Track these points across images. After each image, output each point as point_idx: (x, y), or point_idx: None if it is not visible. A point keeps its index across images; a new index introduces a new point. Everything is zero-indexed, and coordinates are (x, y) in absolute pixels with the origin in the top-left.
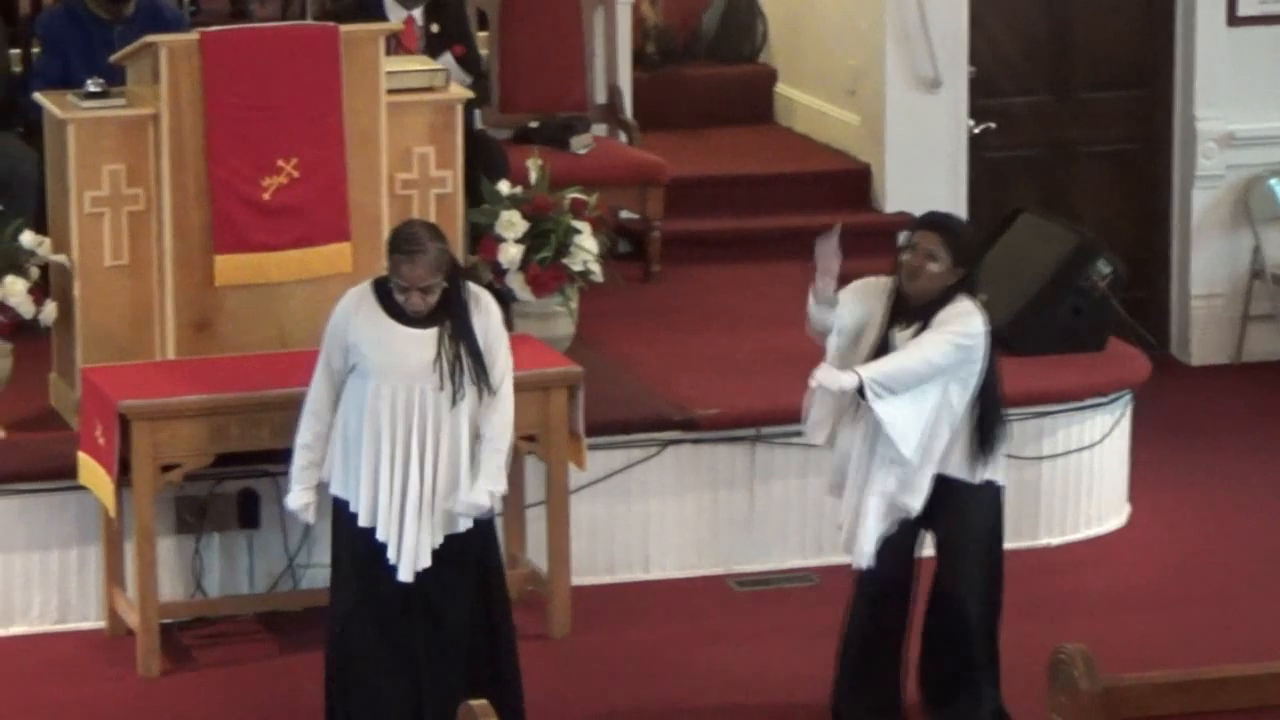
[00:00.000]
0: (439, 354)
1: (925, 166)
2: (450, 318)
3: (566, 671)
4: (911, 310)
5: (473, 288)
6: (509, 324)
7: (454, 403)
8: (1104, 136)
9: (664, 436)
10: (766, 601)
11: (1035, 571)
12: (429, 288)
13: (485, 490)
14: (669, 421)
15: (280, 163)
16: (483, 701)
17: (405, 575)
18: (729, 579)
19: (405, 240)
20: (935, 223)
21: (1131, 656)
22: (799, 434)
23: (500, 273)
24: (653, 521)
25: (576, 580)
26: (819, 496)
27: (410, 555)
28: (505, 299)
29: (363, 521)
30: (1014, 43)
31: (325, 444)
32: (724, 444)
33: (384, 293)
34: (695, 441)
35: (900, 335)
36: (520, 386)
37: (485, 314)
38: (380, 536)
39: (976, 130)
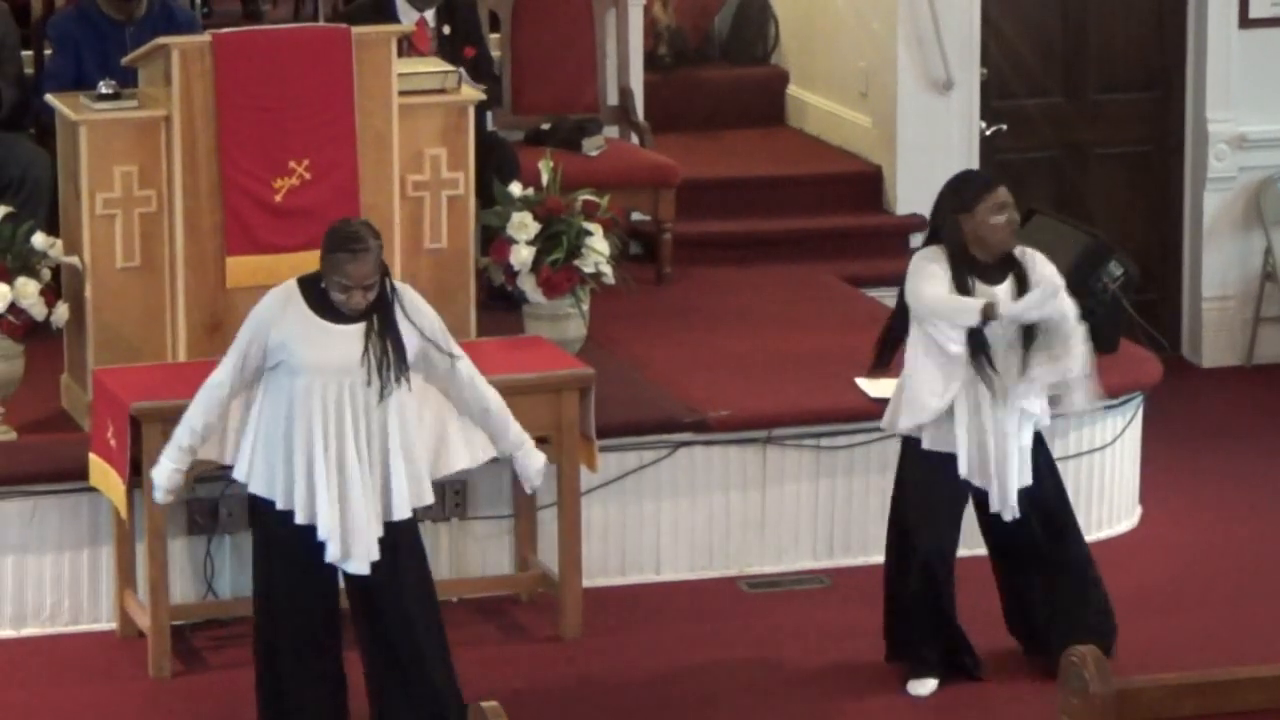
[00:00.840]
0: (366, 349)
1: (937, 168)
2: (376, 313)
3: (578, 673)
4: (987, 267)
5: (396, 283)
6: (520, 326)
7: (381, 397)
8: (1116, 138)
9: (675, 438)
10: (778, 603)
11: None
12: (371, 285)
13: (536, 451)
14: (680, 423)
15: (292, 164)
16: (493, 703)
17: (361, 568)
18: (740, 581)
19: (349, 240)
20: (995, 177)
21: (1143, 658)
22: (811, 435)
23: (512, 274)
24: (664, 523)
25: (588, 582)
26: (830, 498)
27: (363, 547)
28: (517, 300)
29: (301, 519)
30: (1026, 45)
31: (211, 435)
32: (735, 445)
33: (311, 291)
34: (707, 443)
35: (1001, 290)
36: (532, 388)
37: (414, 305)
38: (322, 534)
39: (988, 132)
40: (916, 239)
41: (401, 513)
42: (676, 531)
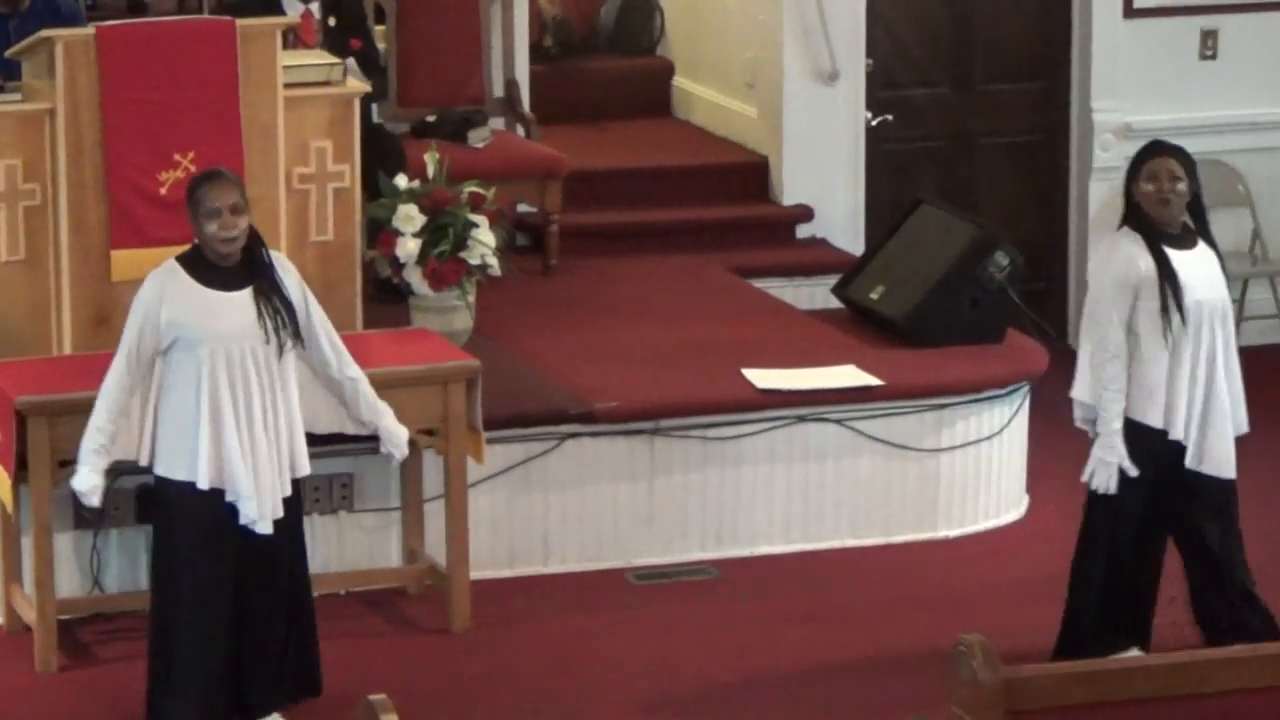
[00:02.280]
0: (259, 311)
1: (823, 159)
2: (261, 277)
3: (466, 665)
4: (1174, 236)
5: (271, 251)
6: (407, 319)
7: (280, 354)
8: (1003, 128)
9: (562, 430)
10: (666, 594)
11: (935, 563)
12: (236, 206)
13: (398, 423)
14: (567, 414)
15: (177, 157)
16: (381, 696)
17: (267, 527)
18: (628, 572)
19: (205, 175)
20: (1168, 148)
21: (1033, 647)
22: (698, 426)
23: (398, 267)
24: (552, 514)
25: (475, 574)
26: (718, 489)
27: (269, 507)
28: (403, 293)
29: (206, 483)
30: (913, 35)
31: (117, 428)
32: (622, 437)
33: (193, 265)
34: (594, 434)
35: (1185, 257)
36: (418, 381)
37: (289, 272)
38: (230, 497)
39: (874, 122)
40: (803, 229)
41: (305, 468)
42: (564, 523)
